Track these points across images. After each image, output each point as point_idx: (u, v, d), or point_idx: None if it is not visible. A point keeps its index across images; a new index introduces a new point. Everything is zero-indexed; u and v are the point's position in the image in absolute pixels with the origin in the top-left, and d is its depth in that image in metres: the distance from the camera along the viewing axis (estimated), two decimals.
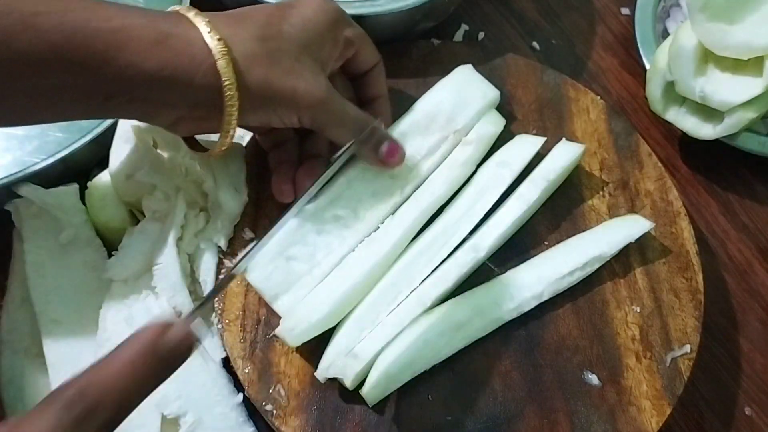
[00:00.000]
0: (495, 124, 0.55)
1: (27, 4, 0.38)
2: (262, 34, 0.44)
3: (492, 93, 0.55)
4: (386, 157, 0.49)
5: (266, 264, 0.47)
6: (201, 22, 0.42)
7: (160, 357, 0.30)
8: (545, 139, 0.55)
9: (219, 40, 0.42)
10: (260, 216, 0.52)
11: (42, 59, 0.38)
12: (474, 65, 0.56)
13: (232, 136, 0.46)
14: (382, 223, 0.50)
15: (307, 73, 0.45)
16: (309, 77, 0.45)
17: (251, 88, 0.43)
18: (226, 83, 0.42)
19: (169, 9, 0.45)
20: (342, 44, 0.48)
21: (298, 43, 0.45)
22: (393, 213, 0.51)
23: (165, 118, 0.44)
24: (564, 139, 0.55)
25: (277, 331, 0.46)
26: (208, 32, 0.42)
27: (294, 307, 0.47)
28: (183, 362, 0.31)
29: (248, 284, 0.49)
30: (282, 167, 0.51)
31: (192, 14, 0.43)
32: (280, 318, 0.47)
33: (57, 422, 0.26)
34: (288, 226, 0.48)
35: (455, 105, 0.54)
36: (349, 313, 0.47)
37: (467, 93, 0.54)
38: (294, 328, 0.45)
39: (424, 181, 0.52)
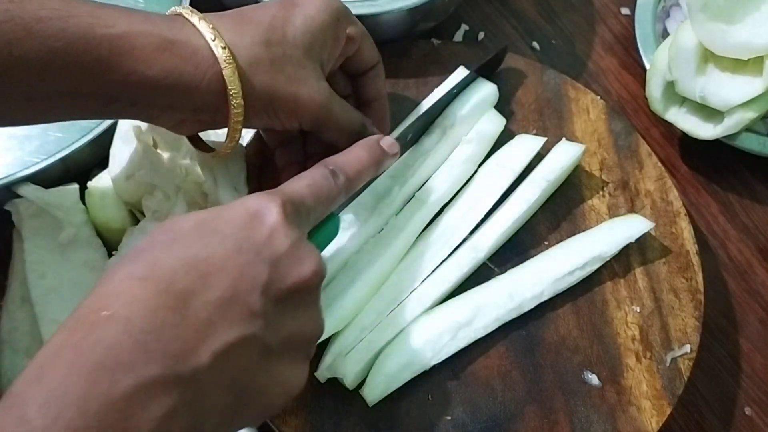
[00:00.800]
0: (495, 123, 0.55)
1: (29, 9, 0.37)
2: (266, 39, 0.43)
3: (487, 88, 0.55)
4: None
5: None
6: (205, 29, 0.41)
7: (380, 149, 0.44)
8: (545, 139, 0.55)
9: (224, 48, 0.41)
10: None
11: (44, 65, 0.38)
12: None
13: (238, 139, 0.45)
14: (386, 224, 0.50)
15: (310, 80, 0.44)
16: (312, 83, 0.44)
17: (255, 94, 0.43)
18: (232, 92, 0.41)
19: (170, 11, 0.44)
20: (344, 41, 0.48)
21: (302, 47, 0.44)
22: (396, 214, 0.51)
23: (168, 120, 0.44)
24: (564, 139, 0.55)
25: None
26: (213, 39, 0.41)
27: None
28: (391, 162, 0.45)
29: None
30: (288, 167, 0.51)
31: (196, 19, 0.42)
32: None
33: (319, 172, 0.40)
34: None
35: (451, 100, 0.54)
36: None
37: (462, 88, 0.55)
38: None
39: (424, 180, 0.53)
